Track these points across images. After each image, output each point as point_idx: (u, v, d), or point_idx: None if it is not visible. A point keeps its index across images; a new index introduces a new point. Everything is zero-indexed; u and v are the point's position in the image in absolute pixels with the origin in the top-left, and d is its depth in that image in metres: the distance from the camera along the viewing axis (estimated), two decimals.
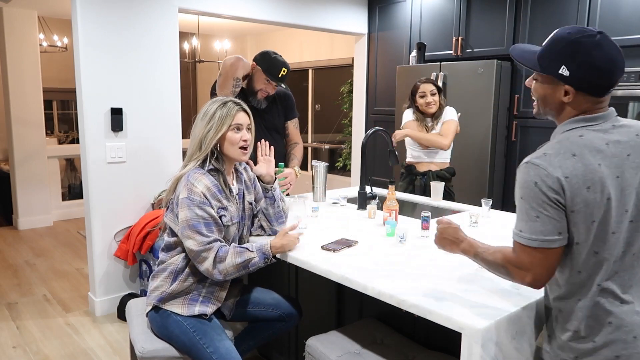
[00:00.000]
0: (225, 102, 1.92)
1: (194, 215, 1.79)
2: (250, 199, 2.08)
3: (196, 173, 1.85)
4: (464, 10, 4.05)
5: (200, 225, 1.79)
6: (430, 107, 3.20)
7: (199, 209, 1.80)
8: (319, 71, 7.10)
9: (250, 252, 1.83)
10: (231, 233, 1.93)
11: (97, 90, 3.17)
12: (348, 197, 2.82)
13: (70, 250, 4.84)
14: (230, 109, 1.90)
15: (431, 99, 3.19)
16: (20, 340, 3.03)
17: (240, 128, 1.92)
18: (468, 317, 1.32)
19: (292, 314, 2.04)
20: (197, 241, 1.79)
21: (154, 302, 1.89)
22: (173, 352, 1.84)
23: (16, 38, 5.28)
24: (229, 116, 1.89)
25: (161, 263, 1.94)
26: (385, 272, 1.66)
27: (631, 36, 3.18)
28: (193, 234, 1.79)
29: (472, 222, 2.29)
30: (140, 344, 1.85)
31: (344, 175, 6.60)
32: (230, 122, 1.89)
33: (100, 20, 3.14)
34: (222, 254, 1.81)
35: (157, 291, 1.90)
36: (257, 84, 2.68)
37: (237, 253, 1.82)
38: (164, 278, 1.90)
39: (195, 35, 7.00)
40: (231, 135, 1.90)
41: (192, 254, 1.82)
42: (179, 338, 1.83)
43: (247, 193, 2.06)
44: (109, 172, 3.28)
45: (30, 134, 5.46)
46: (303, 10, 4.28)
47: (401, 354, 1.79)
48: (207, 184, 1.84)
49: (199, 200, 1.80)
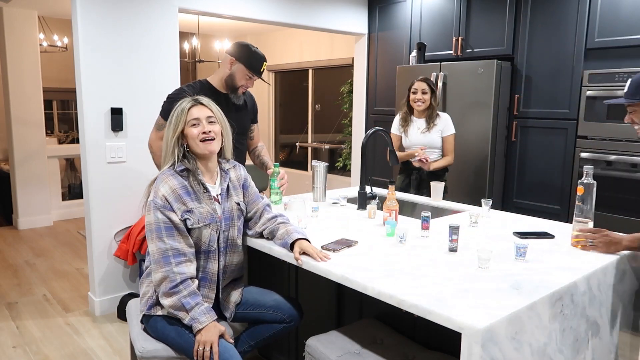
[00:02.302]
0: (180, 101, 1.95)
1: (155, 219, 1.81)
2: (238, 199, 2.02)
3: (164, 174, 1.87)
4: (464, 10, 4.05)
5: (161, 229, 1.80)
6: (418, 104, 3.28)
7: (160, 212, 1.80)
8: (319, 71, 7.10)
9: (186, 314, 1.76)
10: (205, 235, 1.88)
11: (97, 90, 3.17)
12: (348, 197, 2.82)
13: (70, 250, 4.84)
14: (183, 107, 1.91)
15: (421, 97, 3.26)
16: (20, 340, 3.03)
17: (197, 123, 1.89)
18: (468, 317, 1.31)
19: (293, 316, 2.03)
20: (157, 247, 1.80)
21: (144, 311, 1.90)
22: (173, 352, 1.84)
23: (16, 38, 5.28)
24: (183, 113, 1.90)
25: (147, 268, 1.95)
26: (385, 272, 1.66)
27: (631, 36, 3.18)
28: (153, 239, 1.81)
29: (472, 222, 2.29)
30: (140, 343, 1.85)
31: (344, 175, 6.60)
32: (185, 119, 1.89)
33: (101, 20, 3.14)
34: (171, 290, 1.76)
35: (144, 298, 1.92)
36: (239, 80, 2.53)
37: (178, 306, 1.76)
38: (148, 283, 1.92)
39: (195, 35, 7.00)
40: (190, 131, 1.89)
41: (150, 257, 1.84)
42: (174, 341, 1.82)
43: (233, 193, 2.01)
44: (109, 172, 3.28)
45: (30, 134, 5.46)
46: (303, 10, 4.28)
47: (401, 354, 1.79)
48: (172, 186, 1.83)
49: (161, 204, 1.81)
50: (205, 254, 1.91)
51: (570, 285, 1.59)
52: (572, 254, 1.88)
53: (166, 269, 1.78)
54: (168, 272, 1.78)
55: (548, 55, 3.61)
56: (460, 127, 3.57)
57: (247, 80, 2.54)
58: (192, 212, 1.85)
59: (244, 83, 2.55)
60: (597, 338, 1.78)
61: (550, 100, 3.63)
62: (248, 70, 2.51)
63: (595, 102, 3.34)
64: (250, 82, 2.57)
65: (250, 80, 2.56)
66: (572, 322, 1.63)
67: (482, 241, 2.04)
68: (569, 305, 1.59)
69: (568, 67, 3.50)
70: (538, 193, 3.75)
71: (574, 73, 3.47)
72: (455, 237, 1.87)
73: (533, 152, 3.77)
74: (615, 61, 3.29)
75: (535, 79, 3.71)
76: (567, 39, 3.49)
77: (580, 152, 3.45)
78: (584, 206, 1.93)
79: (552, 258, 1.83)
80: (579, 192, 1.94)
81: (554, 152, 3.63)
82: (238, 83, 2.54)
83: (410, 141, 3.35)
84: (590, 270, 1.69)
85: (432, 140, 3.29)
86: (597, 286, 1.72)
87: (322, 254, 1.81)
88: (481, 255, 1.69)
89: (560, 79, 3.56)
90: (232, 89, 2.56)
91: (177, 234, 1.81)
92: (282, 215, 2.11)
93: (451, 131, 3.32)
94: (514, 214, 2.60)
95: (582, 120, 3.43)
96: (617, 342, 1.93)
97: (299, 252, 1.84)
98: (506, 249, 1.92)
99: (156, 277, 1.80)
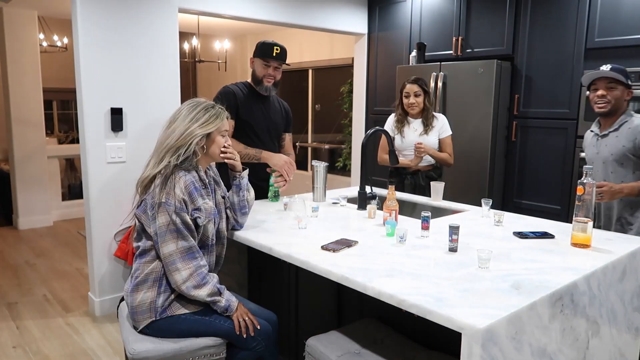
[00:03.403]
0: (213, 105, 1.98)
1: (173, 221, 1.80)
2: (222, 191, 2.11)
3: (178, 174, 1.85)
4: (464, 10, 4.05)
5: (181, 230, 1.81)
6: (412, 108, 3.23)
7: (176, 215, 1.80)
8: (319, 71, 7.10)
9: (221, 298, 1.86)
10: (209, 230, 1.93)
11: (97, 90, 3.17)
12: (348, 197, 2.82)
13: (70, 250, 4.84)
14: (219, 113, 1.97)
15: (414, 100, 3.20)
16: (20, 340, 3.03)
17: (225, 135, 2.01)
18: (468, 317, 1.31)
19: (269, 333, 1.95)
20: (178, 246, 1.80)
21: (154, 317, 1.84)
22: (164, 352, 1.81)
23: (16, 38, 5.29)
24: (219, 119, 1.96)
25: (137, 272, 1.88)
26: (385, 272, 1.66)
27: (631, 36, 3.18)
28: (172, 239, 1.80)
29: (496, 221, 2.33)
30: (131, 345, 1.81)
31: (344, 175, 6.60)
32: (220, 125, 1.96)
33: (100, 20, 3.14)
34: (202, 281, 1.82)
35: (146, 303, 1.84)
36: (260, 72, 2.79)
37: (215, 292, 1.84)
38: (147, 289, 1.85)
39: (195, 35, 7.00)
40: (218, 139, 1.97)
41: (168, 259, 1.81)
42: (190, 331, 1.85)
43: (217, 188, 2.08)
44: (109, 172, 3.28)
45: (30, 134, 5.46)
46: (303, 10, 4.28)
47: (401, 354, 1.79)
48: (187, 185, 1.85)
49: (179, 207, 1.81)
50: (205, 248, 1.95)
51: (570, 285, 1.59)
52: (572, 254, 1.88)
53: (193, 264, 1.82)
54: (196, 267, 1.82)
55: (548, 55, 3.61)
56: (460, 127, 3.57)
57: (266, 69, 2.77)
58: (200, 210, 1.88)
59: (264, 73, 2.78)
60: (597, 338, 1.78)
61: (550, 100, 3.63)
62: (262, 59, 2.76)
63: None
64: (270, 70, 2.78)
65: (270, 68, 2.77)
66: (572, 322, 1.63)
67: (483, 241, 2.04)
68: (569, 305, 1.59)
69: (568, 67, 3.50)
70: (538, 193, 3.75)
71: (574, 73, 3.47)
72: (455, 237, 1.86)
73: (533, 152, 3.77)
74: (615, 61, 3.27)
75: (535, 79, 3.71)
76: (567, 39, 3.49)
77: (580, 152, 3.45)
78: (584, 206, 1.94)
79: (552, 258, 1.83)
80: (578, 192, 1.94)
81: (554, 152, 3.63)
82: (260, 75, 2.79)
83: (406, 143, 3.26)
84: (590, 270, 1.69)
85: (429, 142, 3.20)
86: (597, 286, 1.72)
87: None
88: (481, 255, 1.69)
89: (560, 79, 3.56)
90: (257, 82, 2.81)
91: (192, 233, 1.85)
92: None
93: (448, 132, 3.27)
94: (513, 214, 2.60)
95: (582, 120, 3.43)
96: (617, 342, 1.93)
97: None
98: (506, 249, 1.93)
99: (182, 275, 1.80)
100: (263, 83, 2.79)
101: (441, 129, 3.26)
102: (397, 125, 3.32)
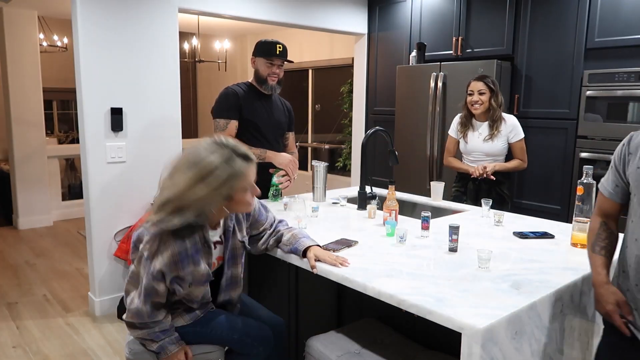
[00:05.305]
0: (231, 157, 1.60)
1: (147, 284, 1.64)
2: (242, 235, 1.87)
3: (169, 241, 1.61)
4: (464, 10, 4.05)
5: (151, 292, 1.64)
6: (474, 107, 2.99)
7: (152, 280, 1.63)
8: (319, 71, 7.10)
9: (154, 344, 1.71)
10: (196, 293, 1.73)
11: (97, 90, 3.17)
12: (348, 197, 2.82)
13: (70, 250, 4.84)
14: (238, 170, 1.60)
15: (477, 98, 2.96)
16: (20, 340, 3.03)
17: (249, 187, 1.66)
18: (468, 317, 1.31)
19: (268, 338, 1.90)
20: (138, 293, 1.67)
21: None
22: None
23: (16, 38, 5.28)
24: (236, 178, 1.60)
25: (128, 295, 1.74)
26: (385, 272, 1.66)
27: (631, 36, 3.18)
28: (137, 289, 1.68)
29: (496, 221, 2.33)
30: (129, 345, 1.79)
31: (344, 175, 6.60)
32: (239, 184, 1.61)
33: (100, 20, 3.14)
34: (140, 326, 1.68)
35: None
36: (263, 71, 2.77)
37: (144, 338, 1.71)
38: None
39: (195, 35, 7.00)
40: (242, 197, 1.65)
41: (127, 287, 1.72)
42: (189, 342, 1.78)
43: (237, 229, 1.85)
44: (109, 172, 3.28)
45: (30, 134, 5.46)
46: (303, 10, 4.28)
47: (401, 354, 1.79)
48: (173, 255, 1.61)
49: (155, 275, 1.62)
50: (199, 304, 1.81)
51: (570, 285, 1.59)
52: (572, 254, 1.88)
53: (146, 307, 1.65)
54: (146, 314, 1.66)
55: (548, 55, 3.61)
56: None
57: (270, 67, 2.76)
58: (183, 280, 1.66)
59: (268, 72, 2.77)
60: (597, 338, 1.78)
61: (550, 100, 3.63)
62: (264, 58, 2.74)
63: (595, 102, 3.34)
64: (274, 69, 2.77)
65: (273, 67, 2.76)
66: (572, 322, 1.63)
67: (483, 241, 2.04)
68: (569, 305, 1.59)
69: (568, 67, 3.50)
70: (538, 193, 3.75)
71: (574, 73, 3.47)
72: (455, 237, 1.87)
73: (533, 152, 3.76)
74: (615, 61, 3.29)
75: (535, 79, 3.71)
76: (567, 38, 3.49)
77: (580, 152, 3.45)
78: (584, 206, 1.94)
79: (552, 258, 1.83)
80: (579, 192, 1.94)
81: (554, 152, 3.63)
82: (263, 74, 2.78)
83: (470, 148, 3.06)
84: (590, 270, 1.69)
85: (495, 149, 2.98)
86: None
87: (340, 259, 1.72)
88: (481, 255, 1.69)
89: (560, 78, 3.56)
90: (262, 82, 2.80)
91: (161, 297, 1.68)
92: (282, 221, 2.04)
93: (520, 136, 3.00)
94: (513, 214, 2.60)
95: (582, 120, 3.43)
96: None
97: (314, 259, 1.76)
98: (506, 249, 1.92)
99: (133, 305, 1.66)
100: (267, 82, 2.78)
101: (510, 133, 3.00)
102: (461, 128, 3.09)
